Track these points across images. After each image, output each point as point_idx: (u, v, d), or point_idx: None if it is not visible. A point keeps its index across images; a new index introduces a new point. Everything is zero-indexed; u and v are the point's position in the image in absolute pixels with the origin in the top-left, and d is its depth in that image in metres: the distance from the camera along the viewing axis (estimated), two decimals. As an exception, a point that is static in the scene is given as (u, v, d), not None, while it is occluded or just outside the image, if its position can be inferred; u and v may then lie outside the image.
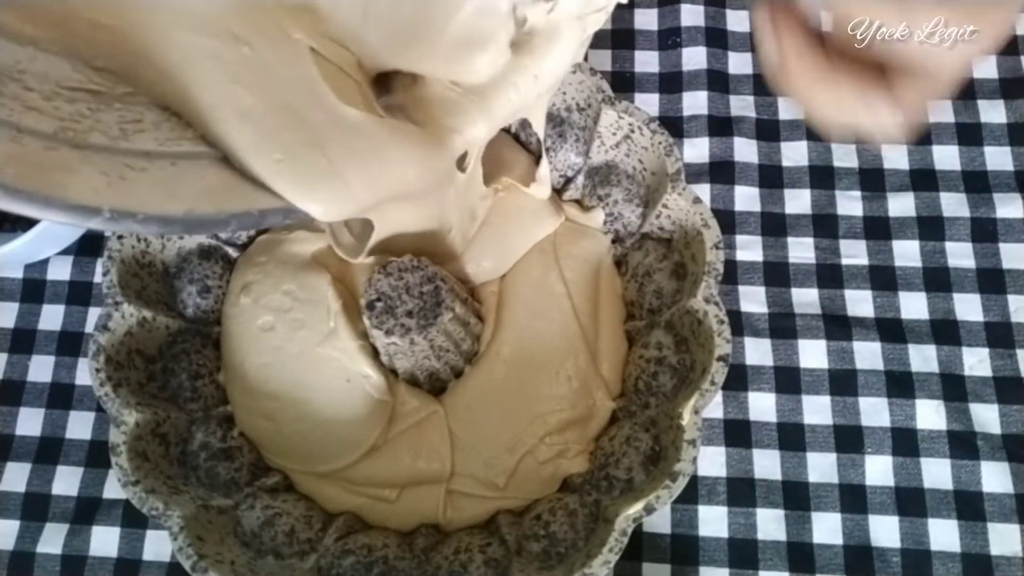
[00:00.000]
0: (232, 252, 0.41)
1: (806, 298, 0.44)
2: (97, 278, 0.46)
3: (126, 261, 0.37)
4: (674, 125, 0.47)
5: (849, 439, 0.41)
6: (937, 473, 0.41)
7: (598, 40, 0.49)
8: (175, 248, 0.40)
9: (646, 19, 0.50)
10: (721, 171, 0.46)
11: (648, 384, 0.38)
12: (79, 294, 0.46)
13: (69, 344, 0.45)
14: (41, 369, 0.44)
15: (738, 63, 0.49)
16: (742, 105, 0.48)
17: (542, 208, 0.40)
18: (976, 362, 0.42)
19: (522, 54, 0.30)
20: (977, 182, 0.46)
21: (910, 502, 0.40)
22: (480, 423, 0.38)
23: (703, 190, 0.46)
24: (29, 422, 0.44)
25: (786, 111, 0.48)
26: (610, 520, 0.32)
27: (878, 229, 0.45)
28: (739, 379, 0.42)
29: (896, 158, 0.46)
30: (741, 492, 0.41)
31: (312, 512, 0.37)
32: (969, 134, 0.47)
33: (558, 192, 0.42)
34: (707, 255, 0.35)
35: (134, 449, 0.34)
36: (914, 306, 0.44)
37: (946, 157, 0.46)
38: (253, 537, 0.35)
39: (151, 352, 0.38)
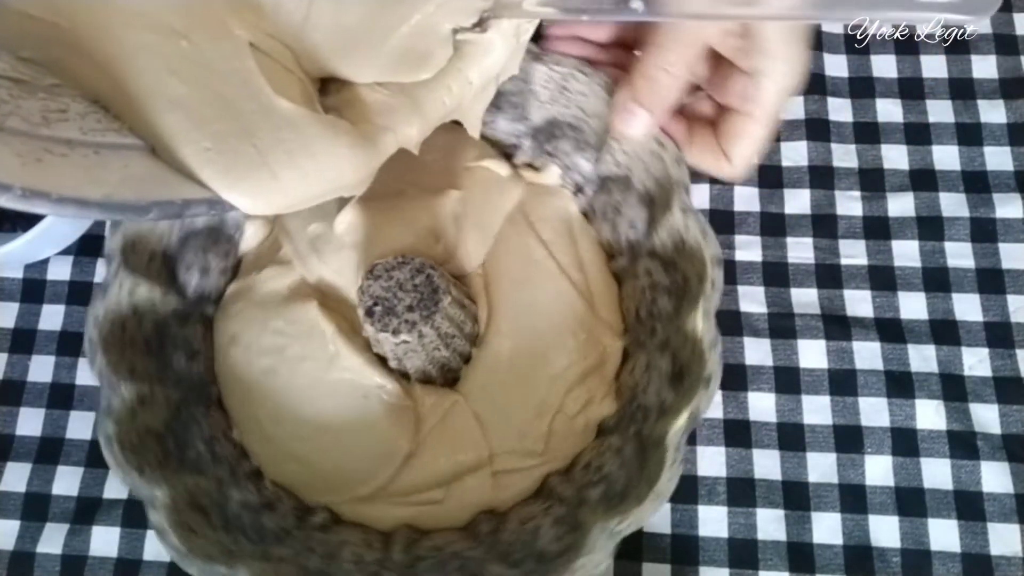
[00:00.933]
0: (210, 310, 0.40)
1: (805, 298, 0.44)
2: (97, 278, 0.46)
3: (114, 341, 0.35)
4: (674, 125, 0.47)
5: (849, 439, 0.41)
6: (937, 473, 0.41)
7: (598, 40, 0.50)
8: (152, 321, 0.38)
9: (646, 19, 0.50)
10: (721, 171, 0.46)
11: (649, 311, 0.38)
12: (79, 294, 0.46)
13: (69, 344, 0.45)
14: (41, 369, 0.44)
15: (738, 63, 0.49)
16: (742, 105, 0.48)
17: (504, 179, 0.40)
18: (976, 362, 0.42)
19: (455, 58, 0.30)
20: (977, 182, 0.46)
21: (910, 502, 0.40)
22: (501, 399, 0.38)
23: (702, 189, 0.46)
24: (29, 422, 0.44)
25: (786, 111, 0.48)
26: (659, 443, 0.32)
27: (878, 229, 0.45)
28: (739, 379, 0.42)
29: (896, 158, 0.46)
30: (741, 492, 0.41)
31: (368, 535, 0.36)
32: (969, 134, 0.46)
33: (509, 159, 0.42)
34: (671, 173, 0.35)
35: (178, 525, 0.32)
36: (913, 306, 0.44)
37: (946, 157, 0.46)
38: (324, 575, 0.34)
39: (159, 428, 0.36)
